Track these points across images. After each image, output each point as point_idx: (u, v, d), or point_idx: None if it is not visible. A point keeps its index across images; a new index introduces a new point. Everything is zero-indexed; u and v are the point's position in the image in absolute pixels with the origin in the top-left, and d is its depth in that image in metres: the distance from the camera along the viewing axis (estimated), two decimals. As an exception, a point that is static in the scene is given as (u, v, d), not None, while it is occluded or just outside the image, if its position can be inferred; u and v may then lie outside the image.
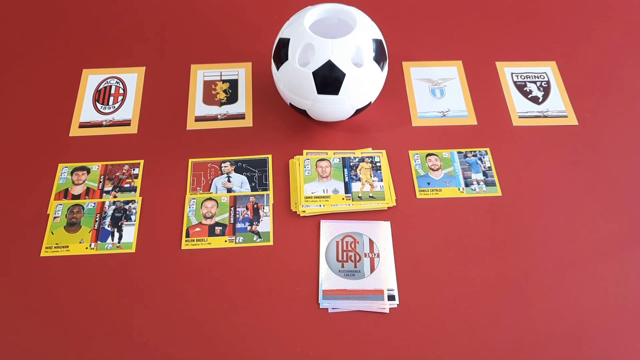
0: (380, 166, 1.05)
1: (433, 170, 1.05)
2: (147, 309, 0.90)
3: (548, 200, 1.02)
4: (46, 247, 0.96)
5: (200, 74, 1.19)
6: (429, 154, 1.08)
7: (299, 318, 0.89)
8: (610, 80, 1.20)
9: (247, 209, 1.00)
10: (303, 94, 0.98)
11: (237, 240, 0.97)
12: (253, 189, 1.03)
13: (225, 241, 0.97)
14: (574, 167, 1.07)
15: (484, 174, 1.05)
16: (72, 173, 1.05)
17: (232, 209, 1.00)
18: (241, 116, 1.13)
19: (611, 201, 1.02)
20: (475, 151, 1.08)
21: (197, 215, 0.99)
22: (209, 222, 0.99)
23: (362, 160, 1.06)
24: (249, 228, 0.98)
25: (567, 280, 0.93)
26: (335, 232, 0.97)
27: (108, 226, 0.98)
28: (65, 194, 1.02)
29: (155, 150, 1.08)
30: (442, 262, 0.95)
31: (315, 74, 0.95)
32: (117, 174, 1.04)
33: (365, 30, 0.98)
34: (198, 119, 1.12)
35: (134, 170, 1.05)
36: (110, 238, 0.97)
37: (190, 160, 1.06)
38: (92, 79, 1.19)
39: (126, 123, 1.12)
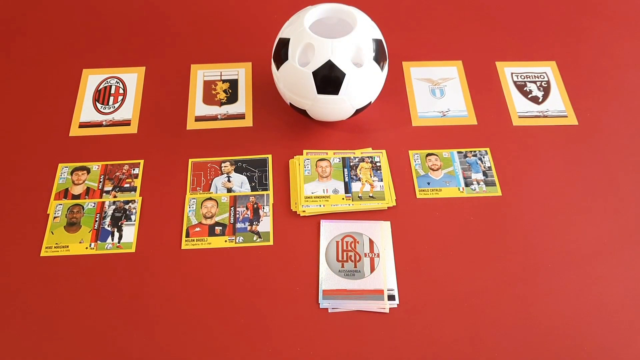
0: (380, 166, 1.05)
1: (433, 170, 1.05)
2: (147, 309, 0.89)
3: (548, 200, 1.02)
4: (46, 247, 0.96)
5: (200, 74, 1.19)
6: (429, 154, 1.08)
7: (299, 318, 0.89)
8: (610, 80, 1.20)
9: (247, 208, 1.00)
10: (303, 94, 0.98)
11: (237, 240, 0.97)
12: (253, 188, 1.03)
13: (225, 241, 0.97)
14: (574, 167, 1.07)
15: (484, 173, 1.05)
16: (72, 173, 1.05)
17: (232, 208, 1.00)
18: (241, 116, 1.13)
19: (611, 201, 1.02)
20: (475, 151, 1.08)
21: (197, 215, 0.99)
22: (209, 222, 0.99)
23: (362, 160, 1.06)
24: (249, 228, 0.98)
25: (567, 280, 0.93)
26: (335, 232, 0.97)
27: (108, 226, 0.98)
28: (65, 193, 1.02)
29: (155, 150, 1.08)
30: (442, 262, 0.95)
31: (315, 74, 0.95)
32: (117, 173, 1.04)
33: (365, 30, 0.98)
34: (198, 118, 1.12)
35: (134, 170, 1.05)
36: (110, 238, 0.97)
37: (190, 160, 1.06)
38: (92, 79, 1.19)
39: (126, 123, 1.12)
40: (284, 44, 0.98)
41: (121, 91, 1.17)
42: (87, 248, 0.96)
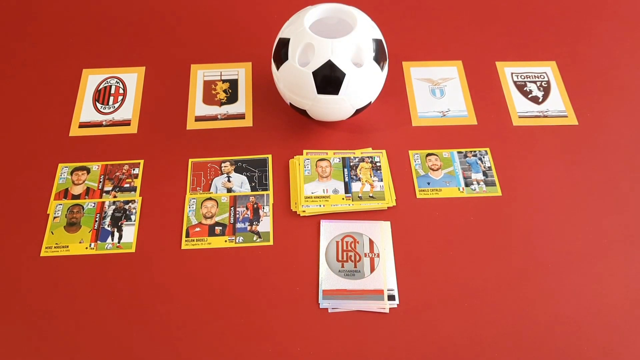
0: (380, 166, 1.05)
1: (433, 170, 1.05)
2: (147, 309, 0.89)
3: (548, 200, 1.02)
4: (46, 247, 0.96)
5: (200, 74, 1.19)
6: (429, 154, 1.08)
7: (299, 318, 0.89)
8: (610, 80, 1.20)
9: (247, 208, 1.00)
10: (303, 94, 0.98)
11: (237, 240, 0.97)
12: (253, 188, 1.03)
13: (225, 241, 0.97)
14: (574, 167, 1.07)
15: (484, 174, 1.05)
16: (72, 173, 1.05)
17: (232, 208, 1.00)
18: (241, 116, 1.13)
19: (611, 201, 1.02)
20: (475, 151, 1.08)
21: (197, 215, 0.99)
22: (209, 222, 0.99)
23: (362, 160, 1.06)
24: (249, 228, 0.98)
25: (567, 280, 0.93)
26: (335, 232, 0.97)
27: (108, 226, 0.98)
28: (65, 194, 1.02)
29: (155, 150, 1.08)
30: (442, 262, 0.95)
31: (315, 74, 0.95)
32: (117, 173, 1.04)
33: (365, 30, 0.98)
34: (198, 118, 1.12)
35: (134, 170, 1.05)
36: (110, 238, 0.97)
37: (190, 160, 1.06)
38: (92, 79, 1.19)
39: (126, 123, 1.12)
40: (284, 44, 0.98)
41: (121, 91, 1.17)
42: (87, 248, 0.96)
